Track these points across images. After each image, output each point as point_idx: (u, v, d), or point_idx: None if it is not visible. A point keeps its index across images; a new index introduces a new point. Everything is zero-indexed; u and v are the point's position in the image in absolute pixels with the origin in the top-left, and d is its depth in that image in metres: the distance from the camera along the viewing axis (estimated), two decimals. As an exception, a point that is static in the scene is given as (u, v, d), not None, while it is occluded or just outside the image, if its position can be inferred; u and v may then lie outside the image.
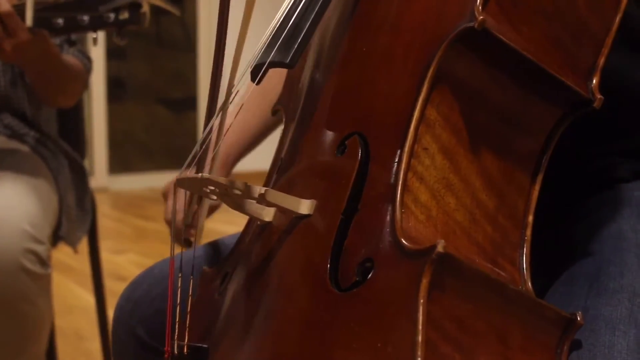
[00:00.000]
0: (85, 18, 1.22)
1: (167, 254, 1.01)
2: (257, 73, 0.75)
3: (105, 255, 3.28)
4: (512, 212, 0.70)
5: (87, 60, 1.60)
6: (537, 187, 0.72)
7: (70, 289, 2.73)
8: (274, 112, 0.90)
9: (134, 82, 5.82)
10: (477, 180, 0.69)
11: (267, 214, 0.75)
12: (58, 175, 1.53)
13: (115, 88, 5.57)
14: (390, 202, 0.64)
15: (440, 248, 0.57)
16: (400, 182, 0.64)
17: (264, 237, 0.76)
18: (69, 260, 1.80)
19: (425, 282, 0.56)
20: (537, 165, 0.72)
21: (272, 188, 0.80)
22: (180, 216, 0.98)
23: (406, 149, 0.65)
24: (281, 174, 0.80)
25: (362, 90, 0.73)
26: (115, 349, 0.98)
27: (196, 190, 0.73)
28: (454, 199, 0.67)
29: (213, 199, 0.74)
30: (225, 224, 0.88)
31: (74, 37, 1.50)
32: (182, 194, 0.97)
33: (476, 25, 0.65)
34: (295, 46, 0.74)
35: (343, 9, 0.77)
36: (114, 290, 0.99)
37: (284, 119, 0.89)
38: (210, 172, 0.84)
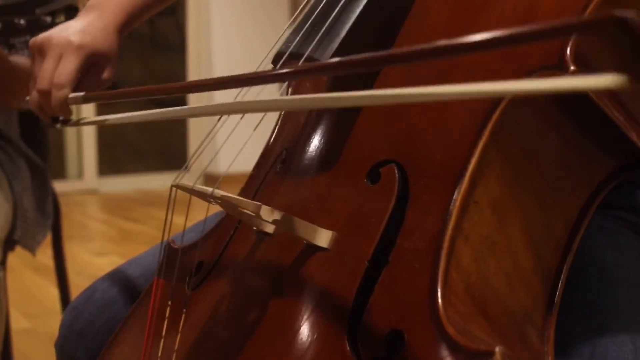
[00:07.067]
0: (22, 22, 1.17)
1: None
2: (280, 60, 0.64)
3: (87, 257, 3.21)
4: (547, 274, 0.63)
5: None
6: (574, 247, 0.64)
7: (52, 292, 2.64)
8: None
9: (126, 83, 5.66)
10: (520, 238, 0.61)
11: (269, 225, 0.65)
12: (13, 180, 1.46)
13: (106, 89, 5.37)
14: (432, 268, 0.55)
15: (498, 356, 0.49)
16: (446, 245, 0.55)
17: (262, 251, 0.66)
18: (51, 263, 1.74)
19: None
20: (577, 221, 0.65)
21: (265, 189, 0.69)
22: (64, 92, 0.88)
23: (458, 203, 0.56)
24: (281, 175, 0.69)
25: (409, 112, 0.62)
26: None
27: (201, 197, 0.62)
28: (494, 261, 0.59)
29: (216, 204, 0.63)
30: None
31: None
32: (72, 60, 0.86)
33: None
34: (336, 45, 0.62)
35: (394, 11, 0.64)
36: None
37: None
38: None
